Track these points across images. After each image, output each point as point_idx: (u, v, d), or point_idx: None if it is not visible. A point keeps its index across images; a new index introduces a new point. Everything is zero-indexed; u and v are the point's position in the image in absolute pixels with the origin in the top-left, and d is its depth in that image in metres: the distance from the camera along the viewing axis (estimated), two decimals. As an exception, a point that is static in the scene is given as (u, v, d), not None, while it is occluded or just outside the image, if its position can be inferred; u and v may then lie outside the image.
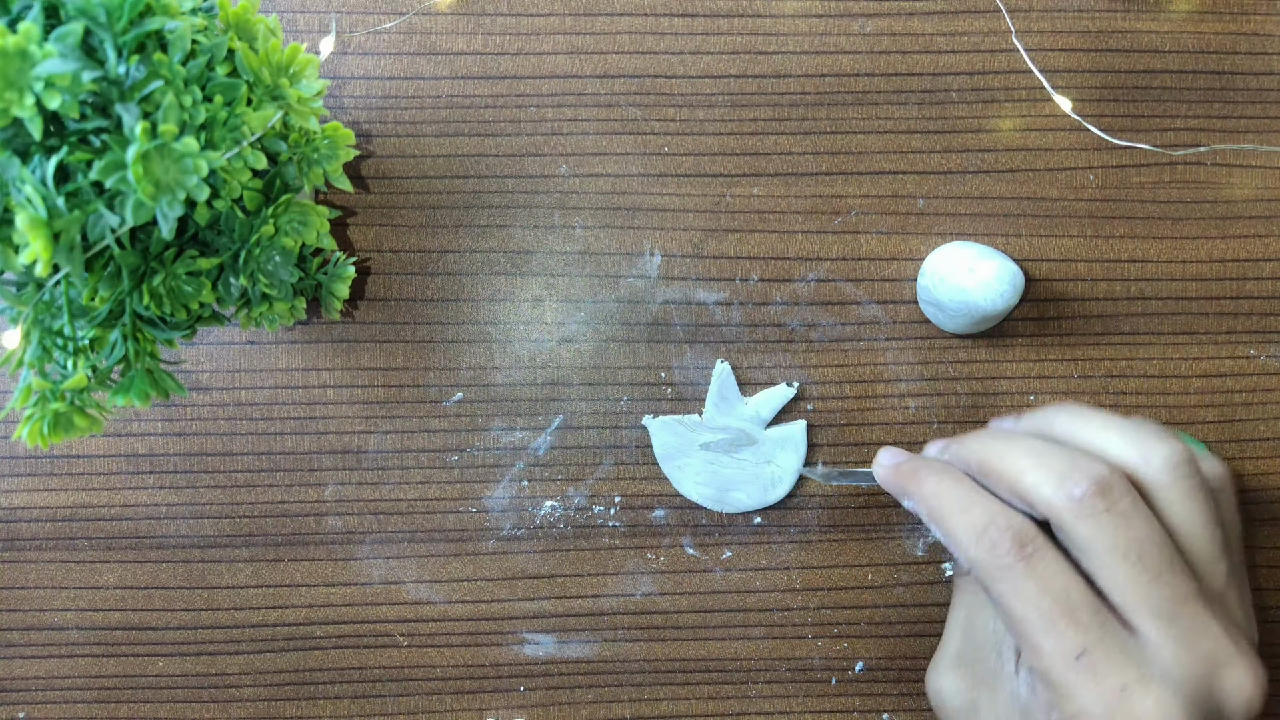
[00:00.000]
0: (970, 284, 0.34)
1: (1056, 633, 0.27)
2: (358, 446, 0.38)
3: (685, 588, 0.39)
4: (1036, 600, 0.28)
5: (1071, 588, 0.28)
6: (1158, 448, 0.29)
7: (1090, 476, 0.28)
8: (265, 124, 0.27)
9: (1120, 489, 0.28)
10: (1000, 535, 0.29)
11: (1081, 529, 0.28)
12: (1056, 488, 0.28)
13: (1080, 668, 0.27)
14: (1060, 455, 0.29)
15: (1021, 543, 0.29)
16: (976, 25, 0.38)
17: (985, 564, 0.29)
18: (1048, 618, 0.28)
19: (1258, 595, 0.39)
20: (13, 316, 0.27)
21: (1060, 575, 0.28)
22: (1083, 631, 0.27)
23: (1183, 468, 0.29)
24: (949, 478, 0.31)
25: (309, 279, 0.35)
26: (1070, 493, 0.28)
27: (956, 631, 0.34)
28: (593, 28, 0.38)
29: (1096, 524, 0.28)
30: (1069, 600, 0.28)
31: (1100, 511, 0.28)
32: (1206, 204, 0.38)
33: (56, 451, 0.38)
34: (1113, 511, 0.28)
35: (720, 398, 0.38)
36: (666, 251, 0.38)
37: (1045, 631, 0.28)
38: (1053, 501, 0.28)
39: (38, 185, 0.23)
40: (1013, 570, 0.28)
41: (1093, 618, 0.28)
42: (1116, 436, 0.30)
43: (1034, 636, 0.28)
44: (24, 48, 0.22)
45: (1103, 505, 0.28)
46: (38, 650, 0.39)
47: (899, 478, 0.33)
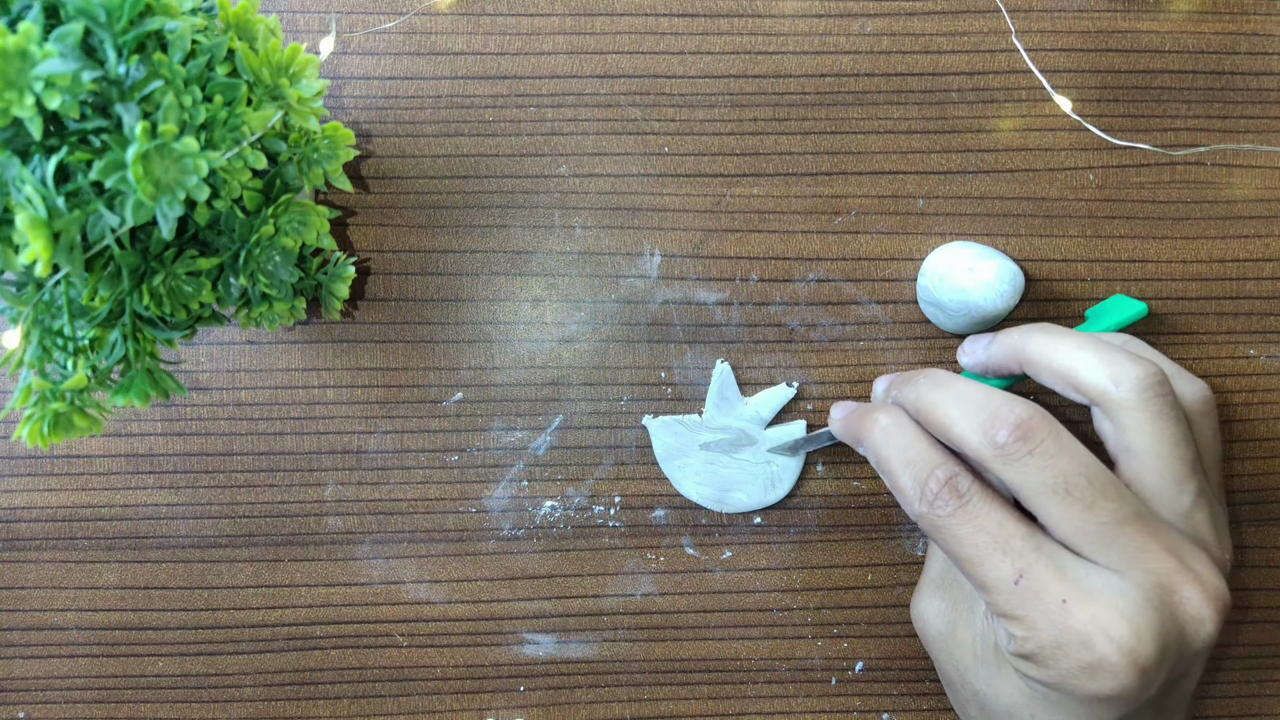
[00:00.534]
0: (970, 284, 0.34)
1: (993, 564, 0.28)
2: (358, 446, 0.38)
3: (685, 588, 0.39)
4: (973, 540, 0.29)
5: (1005, 521, 0.29)
6: (1129, 369, 0.30)
7: (1010, 421, 0.29)
8: (265, 124, 0.27)
9: (1042, 429, 0.29)
10: (938, 488, 0.30)
11: (1010, 473, 0.29)
12: (982, 437, 0.29)
13: (1020, 590, 0.28)
14: (984, 402, 0.30)
15: (956, 492, 0.30)
16: (976, 25, 0.38)
17: (926, 518, 0.30)
18: (984, 553, 0.29)
19: (1259, 595, 0.39)
20: (13, 316, 0.27)
21: (993, 513, 0.29)
22: (1017, 556, 0.28)
23: (1152, 389, 0.29)
24: (893, 425, 0.32)
25: (309, 279, 0.35)
26: (994, 440, 0.29)
27: (937, 557, 0.35)
28: (593, 28, 0.38)
29: (1022, 466, 0.28)
30: (1003, 532, 0.29)
31: (1024, 454, 0.28)
32: (1206, 204, 0.38)
33: (56, 451, 0.38)
34: (1036, 452, 0.28)
35: (720, 398, 0.38)
36: (666, 251, 0.38)
37: (984, 565, 0.29)
38: (980, 450, 0.29)
39: (38, 185, 0.23)
40: (951, 519, 0.29)
41: (1026, 543, 0.28)
42: (1091, 357, 0.30)
43: (977, 574, 0.29)
44: (24, 48, 0.22)
45: (1025, 448, 0.28)
46: (38, 650, 0.39)
47: (850, 426, 0.34)
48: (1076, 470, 0.28)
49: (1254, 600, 0.39)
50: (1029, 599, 0.28)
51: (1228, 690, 0.39)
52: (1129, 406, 0.29)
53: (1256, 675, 0.39)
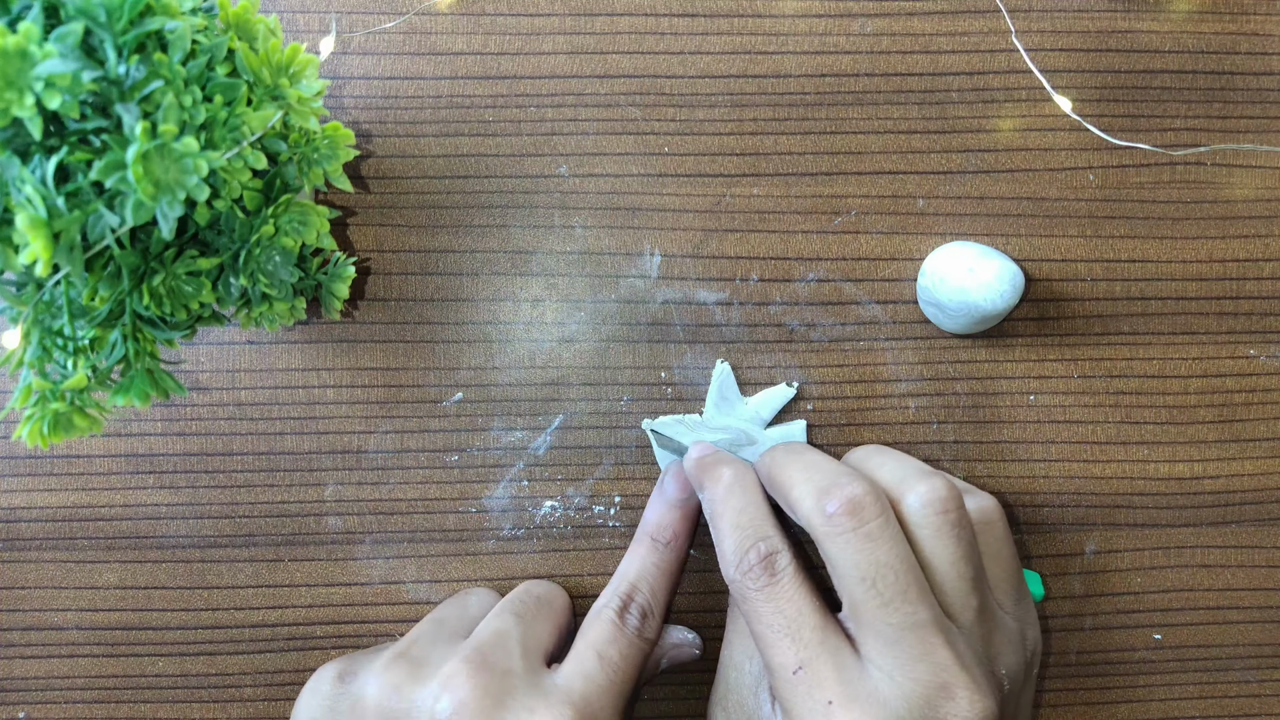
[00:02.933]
0: (970, 284, 0.34)
1: (780, 649, 0.29)
2: (358, 446, 0.38)
3: (685, 588, 0.39)
4: (770, 620, 0.30)
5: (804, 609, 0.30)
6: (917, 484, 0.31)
7: (845, 495, 0.29)
8: (265, 124, 0.27)
9: (872, 510, 0.29)
10: (756, 560, 0.30)
11: (829, 545, 0.29)
12: (814, 503, 0.30)
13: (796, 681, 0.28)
14: (827, 472, 0.31)
15: (770, 567, 0.30)
16: (976, 25, 0.38)
17: (737, 585, 0.31)
18: (776, 635, 0.29)
19: (1258, 595, 0.39)
20: (13, 316, 0.27)
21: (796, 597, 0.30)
22: (802, 647, 0.29)
23: (935, 504, 0.30)
24: (735, 483, 0.33)
25: (309, 279, 0.35)
26: (824, 508, 0.29)
27: (724, 670, 0.34)
28: (593, 28, 0.38)
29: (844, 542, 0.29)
30: (798, 619, 0.29)
31: (848, 530, 0.29)
32: (1206, 204, 0.38)
33: (56, 451, 0.38)
34: (858, 532, 0.29)
35: (720, 398, 0.38)
36: (666, 251, 0.38)
37: (773, 647, 0.29)
38: (810, 517, 0.30)
39: (38, 185, 0.23)
40: (758, 593, 0.30)
41: (814, 634, 0.29)
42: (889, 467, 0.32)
43: (765, 654, 0.30)
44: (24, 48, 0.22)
45: (851, 524, 0.29)
46: (38, 650, 0.39)
47: (698, 471, 0.35)
48: (889, 562, 0.28)
49: (1254, 600, 0.39)
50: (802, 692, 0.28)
51: (1228, 690, 0.39)
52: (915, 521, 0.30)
53: (1256, 675, 0.39)
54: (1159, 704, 0.39)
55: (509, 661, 0.31)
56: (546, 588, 0.36)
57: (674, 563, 0.36)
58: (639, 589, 0.34)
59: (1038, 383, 0.38)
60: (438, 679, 0.30)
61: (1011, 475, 0.39)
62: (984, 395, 0.38)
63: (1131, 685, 0.39)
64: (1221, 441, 0.39)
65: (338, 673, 0.32)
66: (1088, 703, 0.39)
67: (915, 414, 0.38)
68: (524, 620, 0.33)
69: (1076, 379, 0.39)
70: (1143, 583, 0.39)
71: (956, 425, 0.38)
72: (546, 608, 0.35)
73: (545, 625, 0.34)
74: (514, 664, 0.31)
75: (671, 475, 0.37)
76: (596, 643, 0.33)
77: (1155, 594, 0.39)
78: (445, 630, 0.34)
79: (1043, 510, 0.39)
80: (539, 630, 0.33)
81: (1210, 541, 0.39)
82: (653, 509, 0.36)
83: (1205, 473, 0.39)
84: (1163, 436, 0.39)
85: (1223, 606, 0.39)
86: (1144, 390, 0.39)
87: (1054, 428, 0.39)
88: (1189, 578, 0.39)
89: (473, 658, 0.31)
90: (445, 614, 0.36)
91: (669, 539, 0.35)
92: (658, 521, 0.36)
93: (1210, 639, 0.39)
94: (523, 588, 0.36)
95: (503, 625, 0.33)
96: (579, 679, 0.31)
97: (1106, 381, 0.39)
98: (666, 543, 0.35)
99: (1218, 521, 0.39)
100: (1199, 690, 0.39)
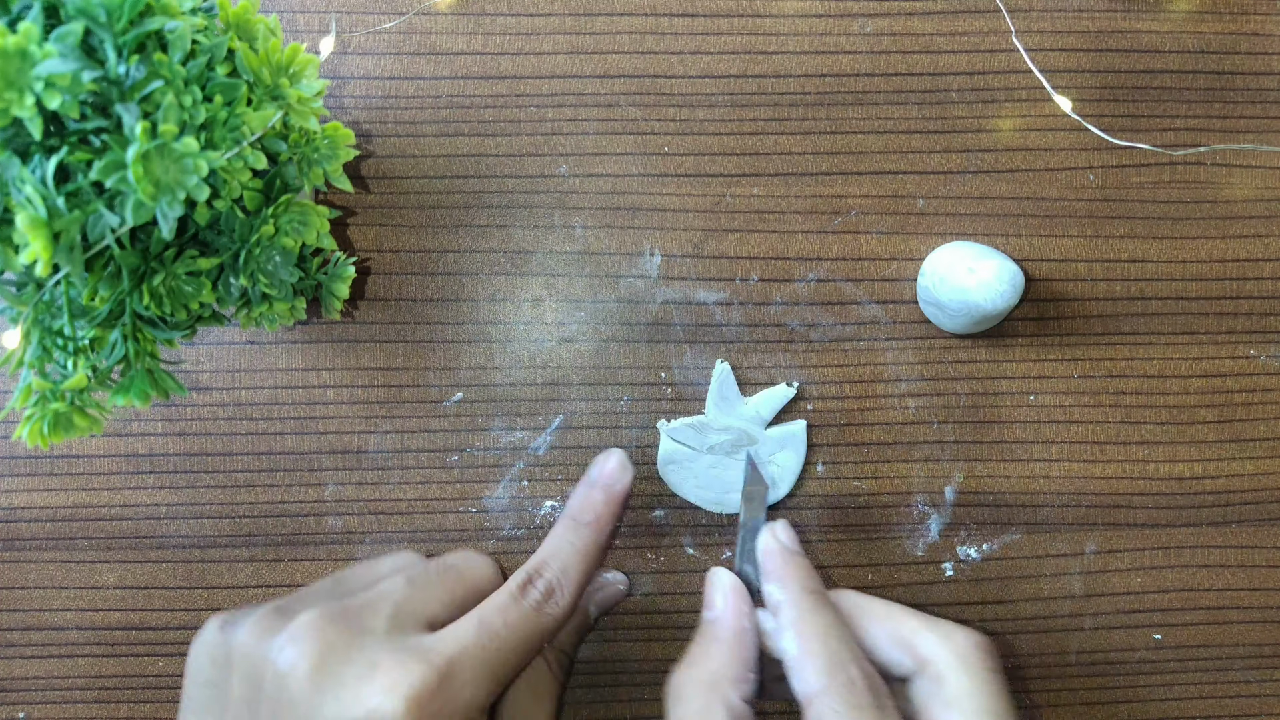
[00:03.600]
0: (970, 284, 0.34)
1: None
2: (358, 446, 0.38)
3: (685, 588, 0.39)
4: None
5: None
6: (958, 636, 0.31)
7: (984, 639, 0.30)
8: (265, 124, 0.27)
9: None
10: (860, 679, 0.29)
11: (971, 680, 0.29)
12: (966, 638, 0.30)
13: None
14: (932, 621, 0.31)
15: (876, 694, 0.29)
16: (976, 25, 0.38)
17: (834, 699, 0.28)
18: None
19: (1259, 595, 0.39)
20: (13, 316, 0.27)
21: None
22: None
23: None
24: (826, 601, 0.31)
25: (309, 279, 0.35)
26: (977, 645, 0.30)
27: None
28: (593, 28, 0.38)
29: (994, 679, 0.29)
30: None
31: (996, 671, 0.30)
32: (1206, 204, 0.38)
33: (56, 451, 0.38)
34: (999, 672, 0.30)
35: (720, 398, 0.38)
36: (666, 251, 0.38)
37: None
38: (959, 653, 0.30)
39: (38, 185, 0.23)
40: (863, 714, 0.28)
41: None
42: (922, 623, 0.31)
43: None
44: (24, 48, 0.22)
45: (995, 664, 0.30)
46: (38, 650, 0.39)
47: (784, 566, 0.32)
48: None
49: (1254, 600, 0.39)
50: None
51: (1228, 690, 0.39)
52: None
53: (1256, 675, 0.39)
54: (1159, 704, 0.39)
55: (372, 621, 0.30)
56: (467, 559, 0.35)
57: (592, 543, 0.34)
58: (549, 565, 0.33)
59: (1038, 383, 0.38)
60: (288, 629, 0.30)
61: (1011, 475, 0.39)
62: (984, 395, 0.38)
63: (1131, 685, 0.39)
64: (1221, 441, 0.39)
65: (221, 622, 0.32)
66: (1088, 703, 0.39)
67: (915, 414, 0.38)
68: (414, 585, 0.32)
69: (1076, 379, 0.39)
70: (1143, 583, 0.39)
71: (956, 425, 0.38)
72: (451, 576, 0.34)
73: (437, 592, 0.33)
74: (377, 624, 0.30)
75: (600, 461, 0.36)
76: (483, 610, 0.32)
77: (1155, 594, 0.39)
78: (341, 588, 0.34)
79: (1043, 510, 0.39)
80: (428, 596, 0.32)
81: (1210, 541, 0.39)
82: (578, 491, 0.36)
83: (1205, 473, 0.39)
84: (1163, 436, 0.39)
85: (1223, 606, 0.39)
86: (1144, 390, 0.39)
87: (1054, 428, 0.39)
88: (1189, 578, 0.39)
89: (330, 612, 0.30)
90: (351, 573, 0.35)
91: (590, 520, 0.35)
92: (581, 503, 0.35)
93: (1210, 639, 0.39)
94: (441, 558, 0.35)
95: (387, 588, 0.32)
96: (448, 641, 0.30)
97: (1106, 381, 0.39)
98: (587, 523, 0.35)
99: (1218, 521, 0.39)
100: (1199, 690, 0.39)
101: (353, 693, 0.28)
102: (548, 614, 0.32)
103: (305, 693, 0.28)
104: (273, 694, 0.29)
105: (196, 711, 0.31)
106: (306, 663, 0.28)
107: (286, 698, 0.28)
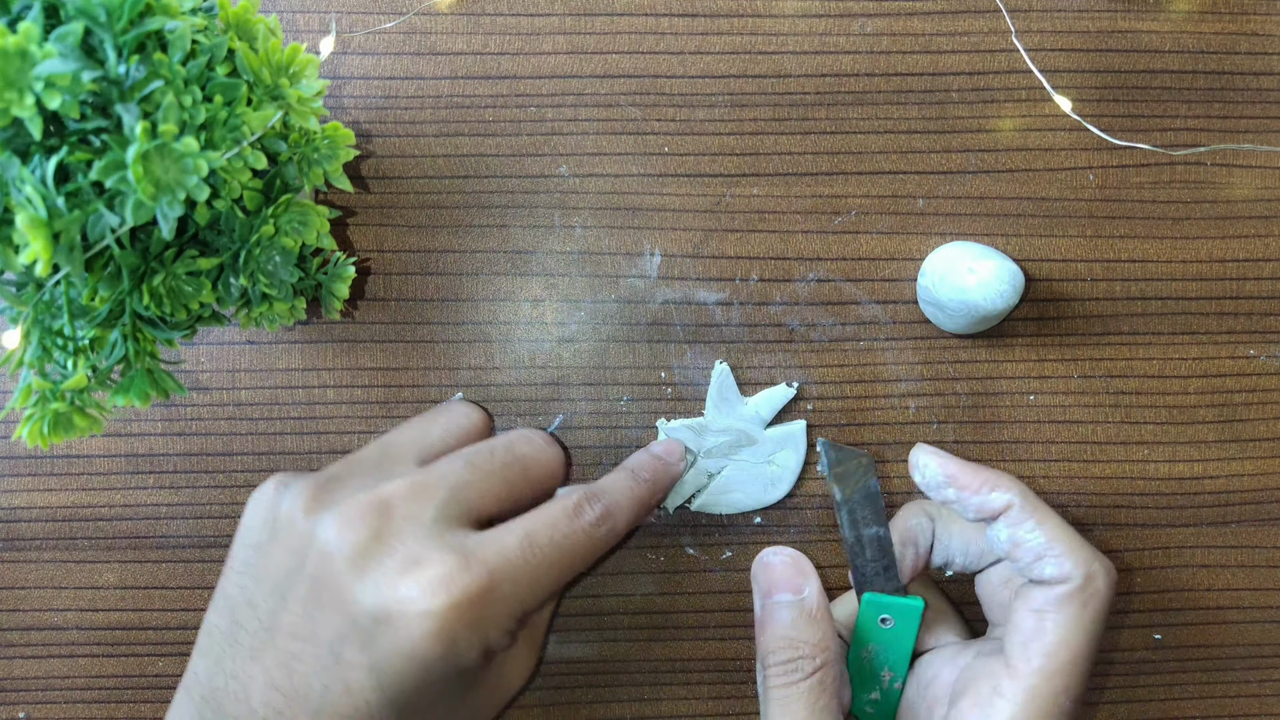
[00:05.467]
0: (970, 284, 0.34)
1: None
2: (358, 446, 0.38)
3: (685, 588, 0.39)
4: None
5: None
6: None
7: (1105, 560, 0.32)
8: (265, 124, 0.27)
9: None
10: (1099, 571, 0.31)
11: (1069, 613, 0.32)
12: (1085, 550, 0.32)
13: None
14: None
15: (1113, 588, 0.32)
16: (976, 25, 0.38)
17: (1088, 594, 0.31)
18: None
19: (1259, 595, 0.39)
20: (13, 316, 0.27)
21: None
22: None
23: None
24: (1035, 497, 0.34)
25: (309, 279, 0.35)
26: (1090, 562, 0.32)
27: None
28: (593, 28, 0.38)
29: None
30: None
31: None
32: (1206, 204, 0.38)
33: (56, 451, 0.38)
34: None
35: (720, 398, 0.38)
36: (666, 251, 0.38)
37: None
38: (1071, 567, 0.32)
39: (38, 185, 0.23)
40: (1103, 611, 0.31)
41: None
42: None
43: None
44: (24, 48, 0.22)
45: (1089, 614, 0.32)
46: (38, 650, 0.39)
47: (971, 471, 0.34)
48: None
49: (1254, 600, 0.39)
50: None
51: (1228, 690, 0.39)
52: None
53: (1256, 675, 0.39)
54: (1159, 704, 0.39)
55: (422, 509, 0.29)
56: (536, 451, 0.34)
57: (646, 494, 0.34)
58: (608, 493, 0.33)
59: (1038, 383, 0.38)
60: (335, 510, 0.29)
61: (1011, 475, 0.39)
62: (984, 395, 0.38)
63: (1131, 685, 0.39)
64: (1221, 441, 0.39)
65: (277, 483, 0.32)
66: (1088, 702, 0.39)
67: (915, 414, 0.38)
68: (474, 471, 0.31)
69: (1076, 379, 0.39)
70: (1143, 583, 0.39)
71: (956, 425, 0.38)
72: (515, 470, 0.32)
73: (496, 485, 0.31)
74: (425, 513, 0.29)
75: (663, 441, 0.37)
76: (531, 522, 0.31)
77: (1155, 594, 0.39)
78: (387, 458, 0.33)
79: (1043, 510, 0.39)
80: (485, 489, 0.31)
81: (1210, 541, 0.39)
82: (638, 454, 0.36)
83: (1205, 473, 0.39)
84: (1163, 436, 0.39)
85: (1223, 606, 0.39)
86: (1144, 390, 0.39)
87: (1054, 428, 0.39)
88: (1189, 578, 0.39)
89: (378, 501, 0.29)
90: (403, 436, 0.34)
91: (647, 477, 0.35)
92: (639, 461, 0.35)
93: (1210, 639, 0.39)
94: (509, 437, 0.34)
95: (445, 470, 0.31)
96: (494, 549, 0.29)
97: (1106, 381, 0.39)
98: (644, 479, 0.35)
99: (1218, 521, 0.39)
100: (1199, 690, 0.39)
101: (390, 582, 0.28)
102: (598, 537, 0.32)
103: (345, 576, 0.28)
104: (313, 571, 0.29)
105: (239, 570, 0.31)
106: (349, 547, 0.28)
107: (326, 577, 0.28)
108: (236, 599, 0.31)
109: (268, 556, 0.30)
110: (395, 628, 0.27)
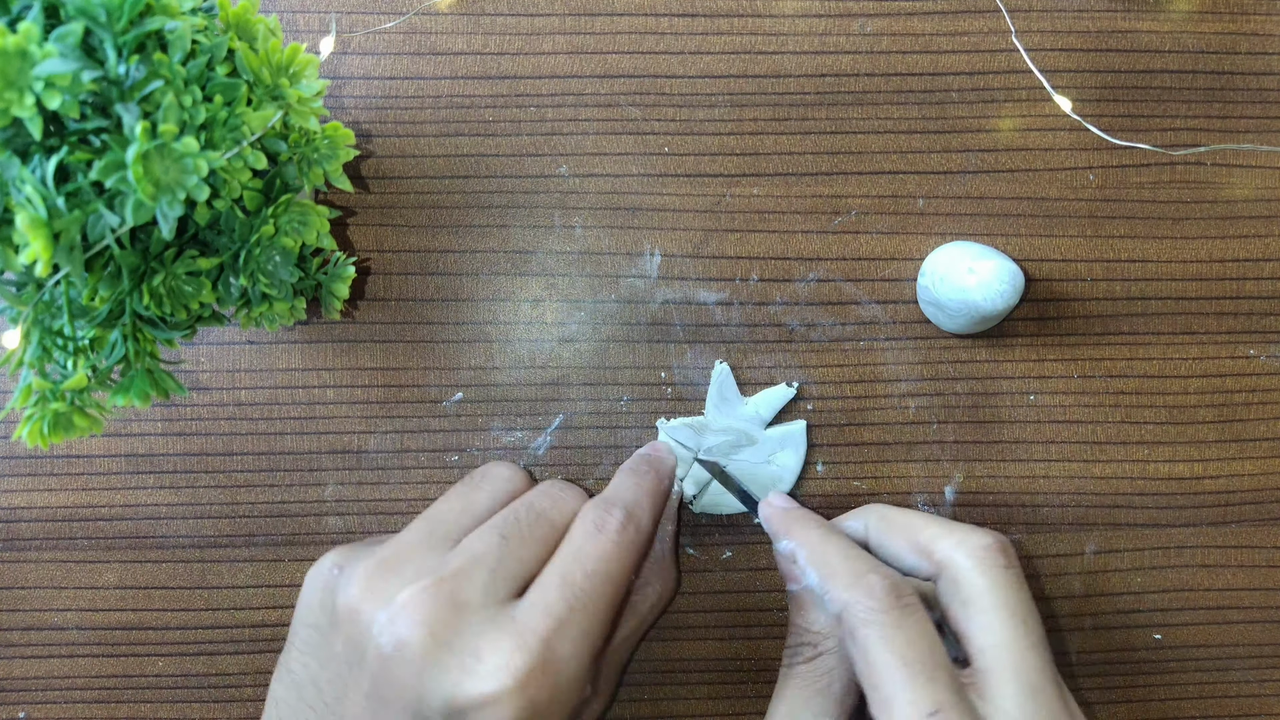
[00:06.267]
0: (970, 284, 0.34)
1: (916, 687, 0.28)
2: (358, 446, 0.38)
3: (685, 588, 0.39)
4: (902, 651, 0.28)
5: (936, 648, 0.29)
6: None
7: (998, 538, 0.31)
8: (265, 124, 0.27)
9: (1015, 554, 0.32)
10: (879, 582, 0.30)
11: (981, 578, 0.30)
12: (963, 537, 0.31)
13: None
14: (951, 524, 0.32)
15: (898, 594, 0.30)
16: (976, 25, 0.38)
17: (858, 606, 0.30)
18: (910, 670, 0.28)
19: (1259, 595, 0.39)
20: (13, 316, 0.27)
21: (928, 634, 0.29)
22: (941, 690, 0.28)
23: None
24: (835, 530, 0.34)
25: (309, 279, 0.35)
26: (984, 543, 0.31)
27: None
28: (593, 28, 0.38)
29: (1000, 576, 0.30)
30: (932, 659, 0.29)
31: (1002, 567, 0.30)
32: (1206, 204, 0.38)
33: (56, 451, 0.38)
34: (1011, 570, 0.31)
35: (720, 398, 0.38)
36: (666, 251, 0.38)
37: (905, 685, 0.28)
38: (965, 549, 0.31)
39: (38, 185, 0.23)
40: (885, 616, 0.29)
41: (951, 681, 0.28)
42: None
43: (890, 688, 0.28)
44: (24, 48, 0.22)
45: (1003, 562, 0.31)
46: (38, 650, 0.39)
47: (787, 520, 0.34)
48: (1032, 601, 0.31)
49: (1254, 600, 0.39)
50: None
51: (1228, 690, 0.39)
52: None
53: (1256, 675, 0.39)
54: (1159, 704, 0.39)
55: (468, 593, 0.29)
56: (557, 501, 0.33)
57: (655, 485, 0.34)
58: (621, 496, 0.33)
59: (1038, 383, 0.38)
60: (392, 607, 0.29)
61: (1011, 475, 0.39)
62: (984, 395, 0.38)
63: (1131, 685, 0.39)
64: (1221, 441, 0.39)
65: (332, 563, 0.32)
66: (1088, 702, 0.39)
67: (915, 414, 0.38)
68: (508, 543, 0.31)
69: (1076, 379, 0.39)
70: (1143, 583, 0.39)
71: (956, 425, 0.38)
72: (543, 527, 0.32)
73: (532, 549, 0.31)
74: (473, 596, 0.29)
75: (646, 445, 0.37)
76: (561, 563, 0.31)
77: (1155, 594, 0.39)
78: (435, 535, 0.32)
79: (1043, 510, 0.39)
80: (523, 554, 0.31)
81: (1210, 541, 0.39)
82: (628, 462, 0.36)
83: (1205, 473, 0.39)
84: (1163, 436, 0.39)
85: (1223, 606, 0.39)
86: (1144, 390, 0.39)
87: (1054, 428, 0.39)
88: (1189, 578, 0.39)
89: (433, 587, 0.29)
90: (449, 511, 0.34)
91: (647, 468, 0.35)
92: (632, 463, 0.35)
93: (1210, 639, 0.39)
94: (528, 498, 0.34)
95: (481, 551, 0.31)
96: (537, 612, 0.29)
97: (1106, 381, 0.39)
98: (645, 472, 0.34)
99: (1218, 521, 0.39)
100: (1199, 690, 0.39)
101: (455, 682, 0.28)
102: (628, 541, 0.32)
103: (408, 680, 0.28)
104: (375, 670, 0.29)
105: (301, 650, 0.32)
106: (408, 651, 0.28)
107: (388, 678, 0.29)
108: (301, 677, 0.31)
109: (329, 643, 0.31)
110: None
